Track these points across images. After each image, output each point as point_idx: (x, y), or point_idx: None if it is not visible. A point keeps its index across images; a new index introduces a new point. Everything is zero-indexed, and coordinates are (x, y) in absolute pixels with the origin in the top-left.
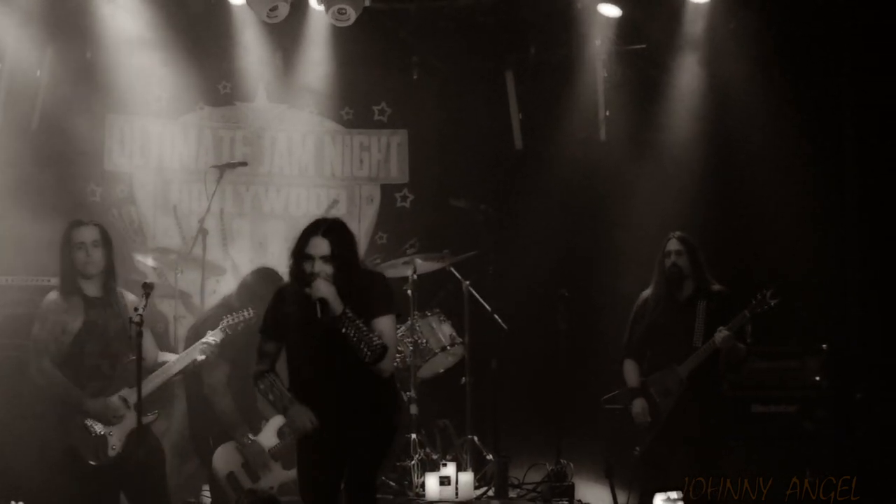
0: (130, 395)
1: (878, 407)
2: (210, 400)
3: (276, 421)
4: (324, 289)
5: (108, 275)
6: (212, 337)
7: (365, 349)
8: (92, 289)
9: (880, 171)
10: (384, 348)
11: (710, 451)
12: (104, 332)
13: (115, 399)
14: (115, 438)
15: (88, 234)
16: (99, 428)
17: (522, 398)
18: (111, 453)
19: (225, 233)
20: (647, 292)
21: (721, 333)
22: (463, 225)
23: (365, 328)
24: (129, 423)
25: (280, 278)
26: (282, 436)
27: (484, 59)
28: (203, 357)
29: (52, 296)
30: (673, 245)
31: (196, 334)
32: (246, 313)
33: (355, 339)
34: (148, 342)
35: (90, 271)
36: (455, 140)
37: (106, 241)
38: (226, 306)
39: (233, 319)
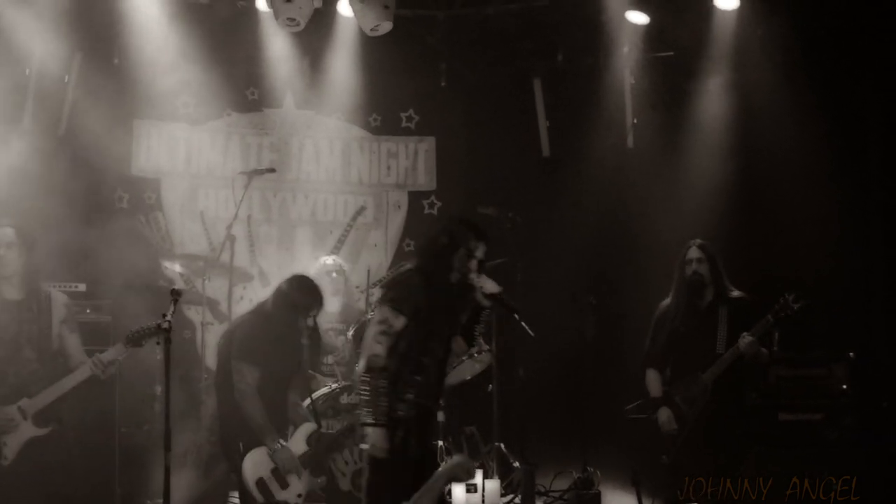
0: (29, 405)
1: None
2: (239, 404)
3: (306, 428)
4: (493, 285)
5: (29, 276)
6: (109, 352)
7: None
8: (10, 291)
9: None
10: None
11: (735, 459)
12: (15, 338)
13: (11, 409)
14: (9, 449)
15: (1, 237)
16: None
17: (549, 405)
18: (3, 463)
19: (252, 239)
20: (666, 301)
21: (745, 339)
22: (490, 232)
23: None
24: (25, 433)
25: (315, 286)
26: (311, 443)
27: (511, 66)
28: (91, 374)
29: None
30: (693, 253)
31: (228, 340)
32: (152, 323)
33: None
34: (73, 347)
35: (3, 273)
36: (483, 147)
37: (23, 241)
38: (260, 313)
39: (136, 330)
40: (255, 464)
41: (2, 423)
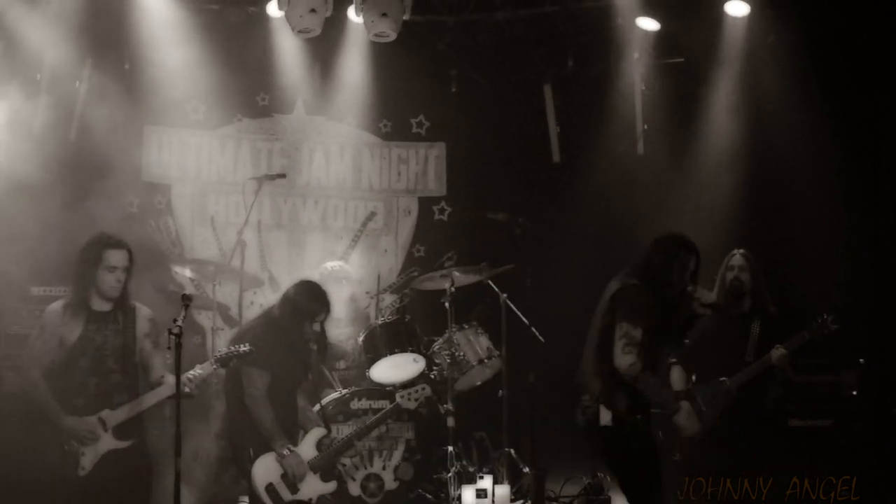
0: (110, 416)
1: None
2: (249, 409)
3: (316, 433)
4: (710, 295)
5: (124, 292)
6: (199, 370)
7: None
8: (100, 303)
9: None
10: None
11: (747, 462)
12: (100, 349)
13: (92, 419)
14: (87, 459)
15: (122, 259)
16: (72, 446)
17: (559, 411)
18: (80, 473)
19: (262, 244)
20: None
21: (778, 351)
22: (500, 238)
23: None
24: (104, 445)
25: (322, 291)
26: (321, 447)
27: (522, 72)
28: (187, 390)
29: (56, 306)
30: (737, 260)
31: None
32: (243, 347)
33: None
34: (156, 360)
35: (114, 295)
36: (493, 153)
37: (133, 262)
38: (267, 318)
39: (226, 352)
40: (265, 469)
41: (82, 434)
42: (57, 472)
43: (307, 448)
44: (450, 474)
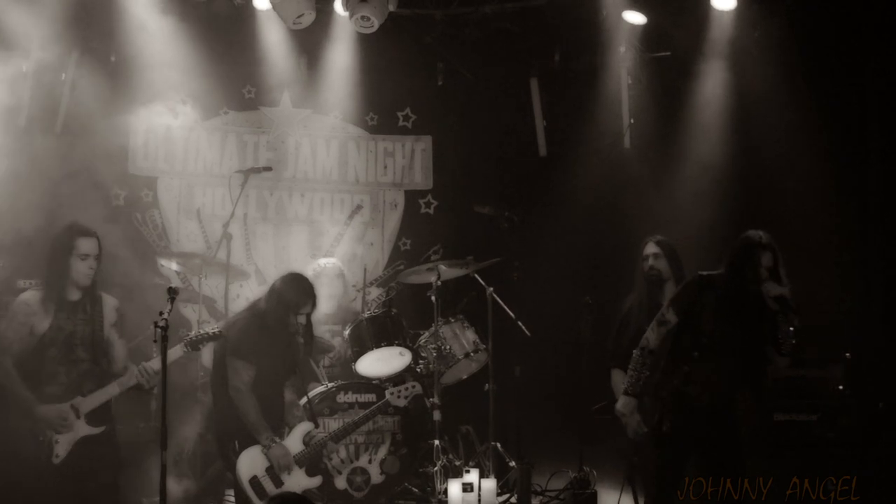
0: (82, 404)
1: None
2: (234, 402)
3: (302, 427)
4: (776, 287)
5: (94, 280)
6: (155, 363)
7: None
8: (72, 292)
9: None
10: None
11: (727, 458)
12: (69, 338)
13: (65, 407)
14: (61, 447)
15: (93, 247)
16: (46, 435)
17: (545, 405)
18: (55, 461)
19: (249, 237)
20: (630, 298)
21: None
22: (487, 231)
23: None
24: (78, 432)
25: (309, 284)
26: (307, 442)
27: (509, 65)
28: (136, 382)
29: (26, 296)
30: (650, 248)
31: (224, 338)
32: (212, 329)
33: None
34: (119, 350)
35: (86, 283)
36: (479, 146)
37: (101, 250)
38: (253, 310)
39: (195, 335)
40: (249, 462)
41: (56, 422)
42: (31, 462)
43: (294, 442)
44: (436, 468)
